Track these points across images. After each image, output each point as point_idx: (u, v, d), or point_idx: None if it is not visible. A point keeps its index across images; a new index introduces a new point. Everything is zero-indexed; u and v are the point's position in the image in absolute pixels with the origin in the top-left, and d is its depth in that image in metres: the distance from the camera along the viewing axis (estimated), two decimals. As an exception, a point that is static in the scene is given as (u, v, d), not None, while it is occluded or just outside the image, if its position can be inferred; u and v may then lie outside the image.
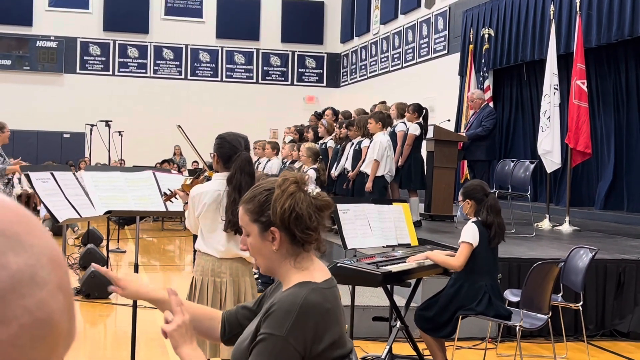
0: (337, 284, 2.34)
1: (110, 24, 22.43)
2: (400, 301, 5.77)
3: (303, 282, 2.19)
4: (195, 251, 4.33)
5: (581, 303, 5.75)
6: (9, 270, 0.64)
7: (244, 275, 4.18)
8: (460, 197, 5.32)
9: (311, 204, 2.20)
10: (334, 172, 10.07)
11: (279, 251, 2.22)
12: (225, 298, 4.13)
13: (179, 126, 5.16)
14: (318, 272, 2.25)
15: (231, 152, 4.09)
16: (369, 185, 8.87)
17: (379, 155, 8.84)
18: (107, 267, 9.29)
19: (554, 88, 9.86)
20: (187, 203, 4.26)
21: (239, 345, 2.25)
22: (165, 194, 4.65)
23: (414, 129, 9.66)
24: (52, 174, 4.16)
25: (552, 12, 10.41)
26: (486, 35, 12.97)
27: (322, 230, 2.25)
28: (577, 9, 10.00)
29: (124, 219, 14.33)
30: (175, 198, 4.60)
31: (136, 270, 4.92)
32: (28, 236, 0.67)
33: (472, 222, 5.13)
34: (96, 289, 8.13)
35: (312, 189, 2.25)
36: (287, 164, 11.21)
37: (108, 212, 4.46)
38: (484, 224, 5.08)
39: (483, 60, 13.01)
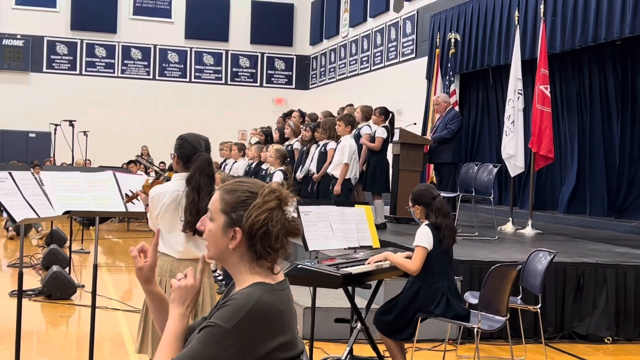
0: (290, 285, 2.35)
1: (78, 23, 22.27)
2: (362, 303, 5.80)
3: (259, 283, 2.20)
4: (155, 252, 4.31)
5: (540, 305, 5.81)
6: None
7: (203, 276, 4.16)
8: (410, 203, 5.36)
9: (284, 226, 2.20)
10: (299, 175, 10.09)
11: (233, 251, 2.23)
12: (184, 299, 4.11)
13: (139, 155, 5.14)
14: (272, 273, 2.27)
15: (191, 152, 4.09)
16: (337, 188, 8.89)
17: (348, 158, 8.87)
18: (70, 268, 9.25)
19: (518, 93, 9.96)
20: (148, 204, 4.25)
21: (191, 339, 2.26)
22: (126, 195, 4.64)
23: (381, 133, 9.69)
24: (10, 174, 4.13)
25: (517, 18, 10.52)
26: (452, 40, 13.07)
27: (282, 253, 2.25)
28: (542, 15, 10.12)
29: (88, 220, 14.22)
30: (137, 199, 4.59)
31: (95, 271, 4.89)
32: None
33: (425, 225, 5.17)
34: (58, 289, 8.07)
35: (291, 211, 2.25)
36: (253, 165, 11.21)
37: (67, 212, 4.43)
38: (435, 226, 5.13)
39: (449, 65, 13.11)
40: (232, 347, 2.07)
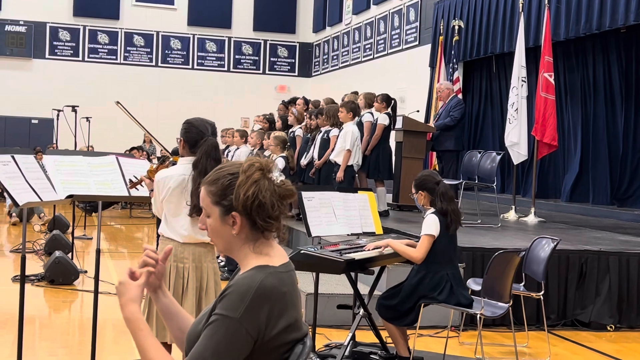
0: (294, 268, 2.34)
1: (81, 9, 22.20)
2: (365, 289, 5.80)
3: (261, 266, 2.19)
4: (158, 236, 4.31)
5: (542, 292, 5.81)
6: None
7: (207, 261, 4.17)
8: (413, 190, 5.34)
9: (275, 192, 2.20)
10: (303, 161, 10.08)
11: (238, 235, 2.22)
12: (187, 284, 4.12)
13: (118, 102, 5.14)
14: (276, 256, 2.26)
15: (198, 137, 4.09)
16: (340, 174, 8.87)
17: (351, 144, 8.86)
18: (73, 254, 9.26)
19: (522, 80, 9.93)
20: (153, 190, 4.24)
21: (195, 326, 2.25)
22: (130, 180, 4.63)
23: (383, 119, 9.68)
24: (13, 157, 4.12)
25: (521, 5, 10.47)
26: (456, 27, 13.02)
27: (283, 218, 2.25)
28: (546, 2, 10.07)
29: (90, 206, 14.23)
30: (142, 185, 4.58)
31: (98, 255, 4.89)
32: None
33: (432, 213, 5.15)
34: (60, 275, 8.08)
35: (277, 176, 2.25)
36: (255, 151, 11.20)
37: (69, 196, 4.42)
38: (441, 212, 5.12)
39: (453, 52, 13.07)
40: (246, 335, 2.07)
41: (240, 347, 2.07)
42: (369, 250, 5.08)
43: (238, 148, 12.16)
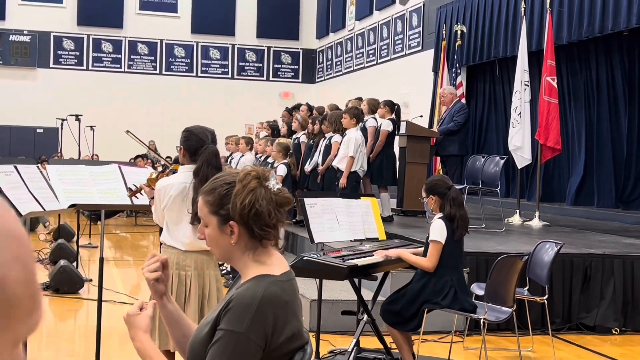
0: (295, 276, 2.35)
1: (84, 18, 22.28)
2: (369, 295, 5.80)
3: (261, 275, 2.19)
4: (161, 244, 4.32)
5: (547, 296, 5.81)
6: None
7: (209, 268, 4.18)
8: (423, 194, 5.34)
9: (271, 200, 2.20)
10: (307, 168, 10.09)
11: (237, 244, 2.22)
12: (190, 291, 4.13)
13: (128, 131, 5.15)
14: (276, 265, 2.27)
15: (198, 145, 4.10)
16: (342, 181, 8.86)
17: (354, 151, 8.85)
18: (78, 262, 9.28)
19: (525, 84, 9.94)
20: (153, 198, 4.25)
21: (197, 334, 2.26)
22: (130, 189, 4.63)
23: (387, 125, 9.69)
24: (16, 167, 4.14)
25: (523, 9, 10.48)
26: (459, 32, 13.04)
27: (280, 227, 2.26)
28: (548, 6, 10.07)
29: (96, 214, 14.25)
30: (141, 193, 4.58)
31: (102, 263, 4.90)
32: None
33: (439, 218, 5.15)
34: (65, 283, 8.09)
35: (273, 184, 2.25)
36: (262, 159, 11.21)
37: (72, 205, 4.44)
38: (448, 217, 5.12)
39: (456, 57, 13.08)
40: (255, 347, 2.08)
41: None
42: (376, 256, 5.09)
43: (243, 155, 12.17)
